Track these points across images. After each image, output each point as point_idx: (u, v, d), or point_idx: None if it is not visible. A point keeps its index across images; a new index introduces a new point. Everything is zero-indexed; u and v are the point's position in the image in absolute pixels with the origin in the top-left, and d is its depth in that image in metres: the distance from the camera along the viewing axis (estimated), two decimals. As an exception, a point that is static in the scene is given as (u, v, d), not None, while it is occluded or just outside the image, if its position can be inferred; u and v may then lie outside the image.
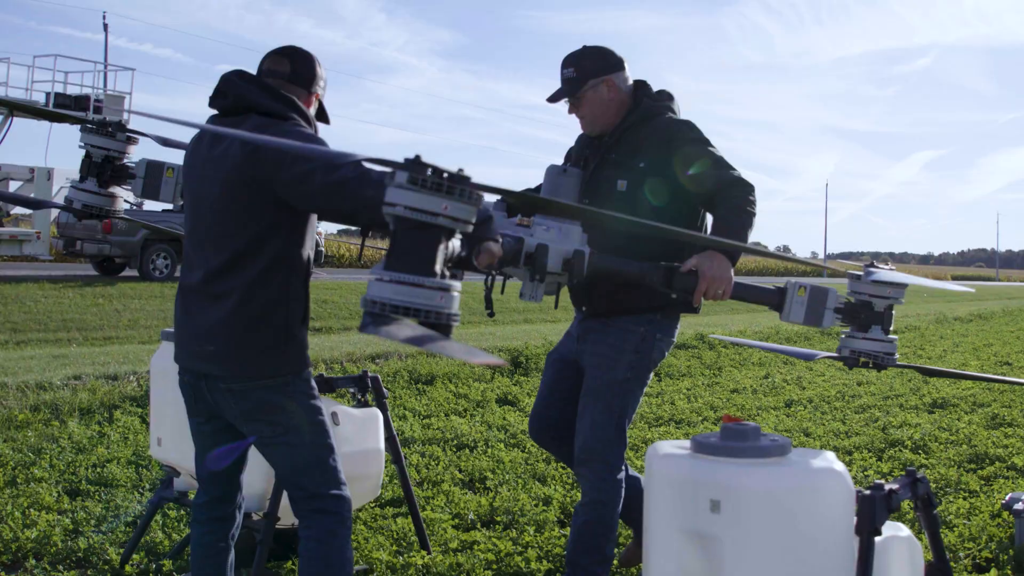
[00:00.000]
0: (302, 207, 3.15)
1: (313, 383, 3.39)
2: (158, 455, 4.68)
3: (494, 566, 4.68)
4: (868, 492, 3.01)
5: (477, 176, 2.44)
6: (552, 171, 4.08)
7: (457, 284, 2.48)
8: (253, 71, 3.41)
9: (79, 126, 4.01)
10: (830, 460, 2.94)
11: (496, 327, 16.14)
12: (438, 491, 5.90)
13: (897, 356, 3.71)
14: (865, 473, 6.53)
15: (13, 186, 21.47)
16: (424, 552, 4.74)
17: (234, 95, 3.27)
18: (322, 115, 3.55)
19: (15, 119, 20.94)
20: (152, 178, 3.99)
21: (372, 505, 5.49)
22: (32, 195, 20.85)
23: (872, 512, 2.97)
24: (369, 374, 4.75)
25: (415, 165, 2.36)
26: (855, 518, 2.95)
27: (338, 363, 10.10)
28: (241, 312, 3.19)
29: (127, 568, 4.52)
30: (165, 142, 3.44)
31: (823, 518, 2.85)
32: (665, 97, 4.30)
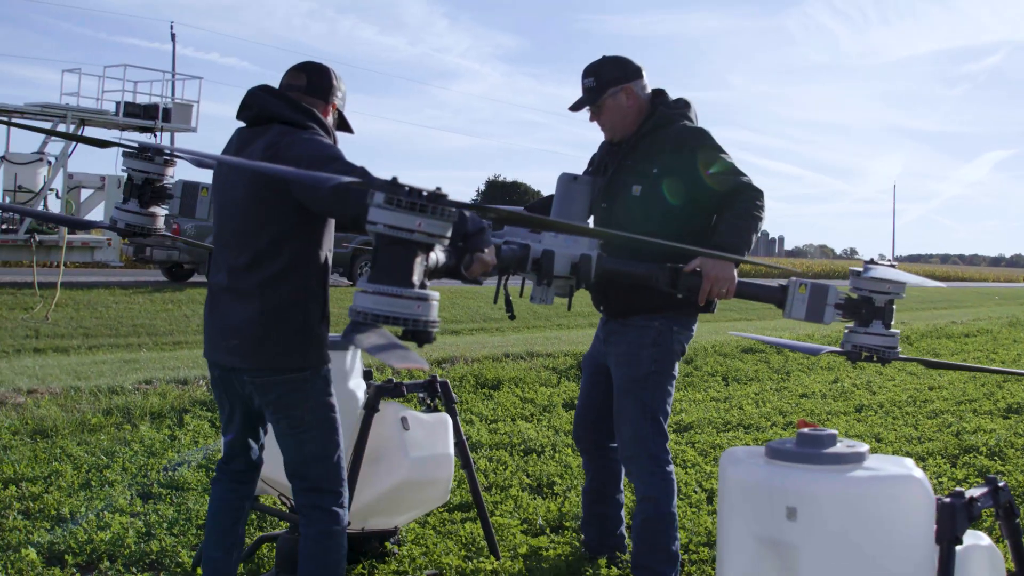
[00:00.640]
0: (315, 210, 3.37)
1: (330, 380, 3.60)
2: (229, 459, 4.72)
3: (564, 572, 4.66)
4: (948, 500, 2.94)
5: (541, 180, 2.49)
6: (564, 179, 4.31)
7: (435, 294, 2.72)
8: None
9: (122, 150, 4.21)
10: (909, 467, 2.88)
11: (563, 331, 16.11)
12: (506, 496, 5.89)
13: (900, 350, 3.78)
14: (939, 480, 6.41)
15: (84, 194, 21.79)
16: (493, 558, 4.73)
17: (258, 107, 3.54)
18: (344, 125, 3.81)
19: (86, 128, 21.29)
20: (188, 197, 4.21)
21: (441, 510, 5.50)
22: (103, 203, 21.23)
23: (953, 520, 2.90)
24: (438, 379, 4.75)
25: (391, 186, 2.59)
26: (935, 526, 2.89)
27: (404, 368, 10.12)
28: (262, 309, 3.43)
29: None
30: (199, 163, 3.70)
31: (902, 526, 2.79)
32: (682, 105, 4.47)
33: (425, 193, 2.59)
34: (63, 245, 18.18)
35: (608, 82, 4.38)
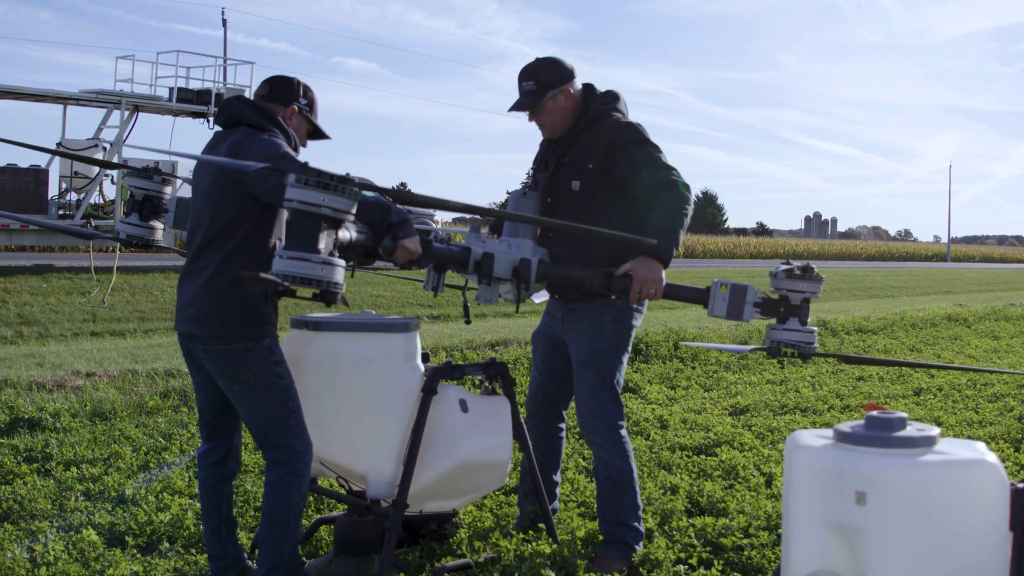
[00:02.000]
0: (263, 199, 3.83)
1: (277, 350, 4.03)
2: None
3: (622, 556, 4.62)
4: (1022, 485, 2.87)
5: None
6: (515, 195, 4.74)
7: (340, 261, 3.30)
8: (363, 66, 4.14)
9: (124, 170, 4.65)
10: (981, 451, 2.82)
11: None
12: (563, 479, 5.86)
13: (817, 345, 4.10)
14: (1003, 465, 6.29)
15: (138, 180, 21.95)
16: (551, 540, 4.70)
17: (228, 112, 4.13)
18: (316, 132, 4.33)
19: (140, 114, 21.48)
20: (181, 212, 4.69)
21: (498, 493, 5.48)
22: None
23: (1028, 506, 2.83)
24: (496, 361, 4.73)
25: (302, 168, 3.23)
26: (1008, 512, 2.82)
27: (458, 350, 10.13)
28: (213, 282, 3.93)
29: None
30: (191, 181, 4.27)
31: (975, 512, 2.73)
32: (611, 99, 4.71)
33: (330, 175, 3.19)
34: (119, 230, 18.33)
35: (547, 84, 4.59)
